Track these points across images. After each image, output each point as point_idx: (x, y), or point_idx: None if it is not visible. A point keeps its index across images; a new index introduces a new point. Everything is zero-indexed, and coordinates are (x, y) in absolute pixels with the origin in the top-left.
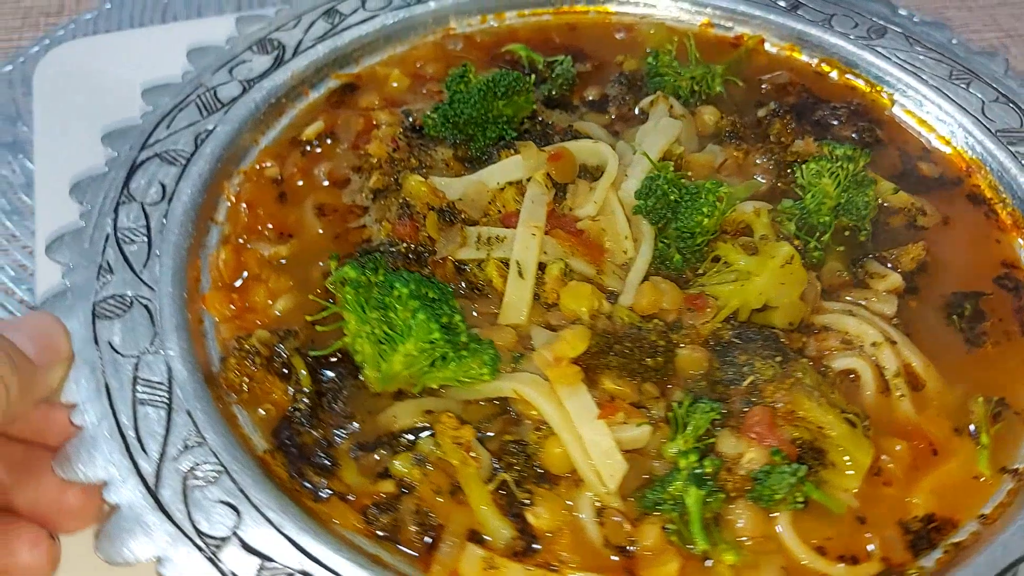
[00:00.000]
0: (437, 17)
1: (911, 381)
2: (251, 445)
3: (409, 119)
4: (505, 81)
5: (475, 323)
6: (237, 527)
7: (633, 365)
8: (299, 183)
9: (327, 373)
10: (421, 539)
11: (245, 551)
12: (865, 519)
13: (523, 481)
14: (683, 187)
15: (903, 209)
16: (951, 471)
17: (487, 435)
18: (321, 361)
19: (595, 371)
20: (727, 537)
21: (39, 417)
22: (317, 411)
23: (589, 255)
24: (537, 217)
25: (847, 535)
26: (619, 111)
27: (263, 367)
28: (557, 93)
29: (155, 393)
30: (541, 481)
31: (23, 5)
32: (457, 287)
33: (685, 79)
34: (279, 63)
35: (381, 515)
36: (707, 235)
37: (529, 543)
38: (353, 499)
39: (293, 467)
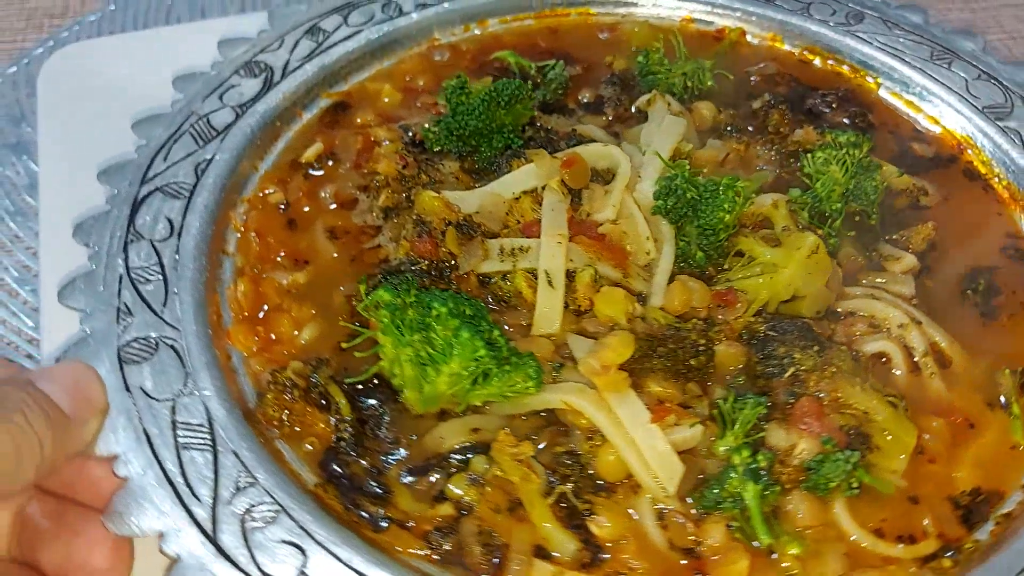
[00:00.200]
0: (420, 28)
1: (938, 359)
2: (302, 480)
3: (408, 134)
4: (508, 90)
5: (508, 336)
6: (304, 566)
7: (678, 366)
8: (306, 208)
9: (365, 400)
10: (488, 560)
11: None
12: (918, 498)
13: (580, 492)
14: (701, 185)
15: (905, 191)
16: (989, 443)
17: (538, 448)
18: (357, 387)
19: (640, 375)
20: (788, 529)
21: (72, 471)
22: (362, 439)
23: (614, 259)
24: (559, 225)
25: (901, 515)
26: (616, 112)
27: (302, 399)
28: (552, 98)
29: (197, 436)
30: (598, 490)
31: (27, 6)
32: (483, 301)
33: (677, 76)
34: (269, 86)
35: (444, 539)
36: (728, 231)
37: (595, 554)
38: (413, 525)
39: (347, 499)
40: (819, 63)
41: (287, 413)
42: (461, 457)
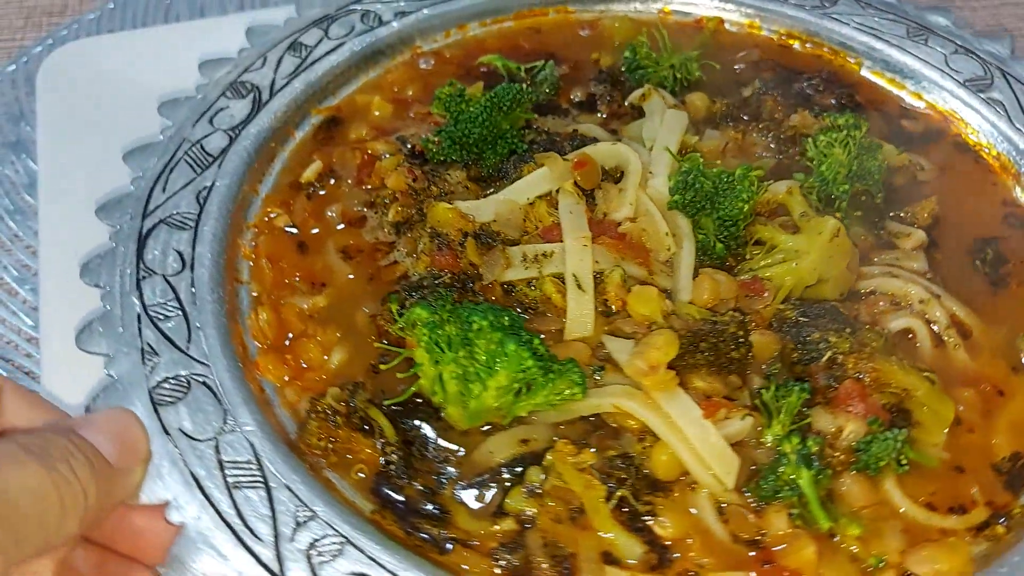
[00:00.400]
0: (402, 37)
1: (960, 331)
2: (358, 509)
3: (407, 146)
4: (509, 95)
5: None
6: None
7: (721, 360)
8: (314, 230)
9: (407, 420)
10: (558, 571)
11: None
12: (963, 467)
13: (639, 494)
14: (716, 176)
15: (902, 167)
16: (1020, 407)
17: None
18: (397, 408)
19: (683, 372)
20: (844, 511)
21: (114, 521)
22: (410, 461)
23: (638, 257)
24: (581, 227)
25: (949, 487)
26: (610, 109)
27: (345, 426)
28: (544, 99)
29: (247, 473)
30: (655, 490)
31: (26, 4)
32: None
33: (665, 69)
34: (258, 106)
35: (511, 555)
36: (747, 220)
37: (661, 555)
38: (477, 544)
39: (406, 523)
40: (799, 47)
41: (332, 441)
42: (513, 470)
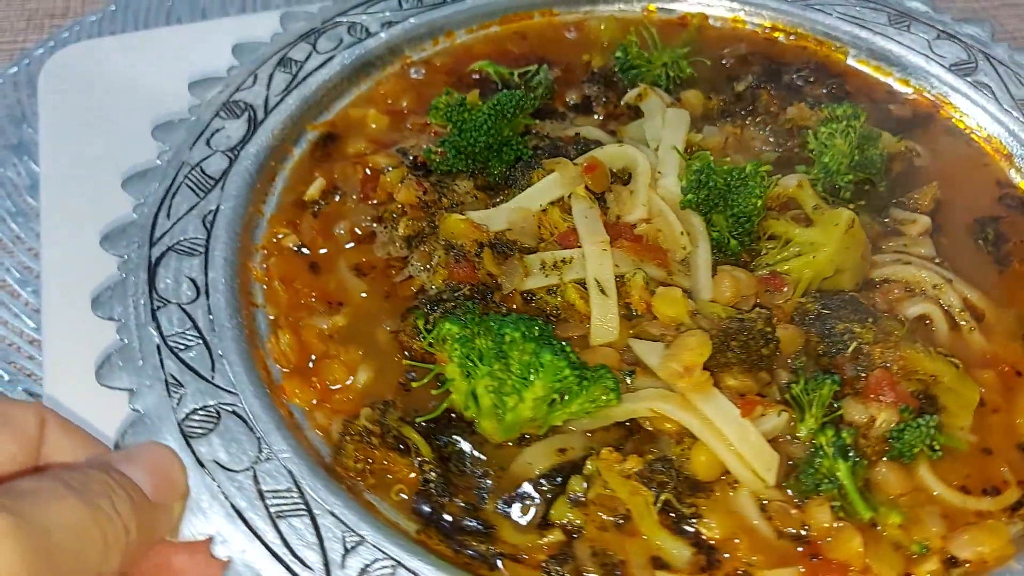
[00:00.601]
0: (391, 48)
1: (973, 314)
2: (403, 530)
3: (409, 158)
4: (512, 102)
5: None
6: None
7: (752, 357)
8: (323, 250)
9: (441, 437)
10: None
11: None
12: (991, 449)
13: (681, 497)
14: (728, 173)
15: (899, 154)
16: None
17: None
18: (429, 425)
19: (716, 371)
20: (882, 500)
21: (153, 558)
22: (449, 478)
23: (656, 259)
24: (598, 231)
25: (980, 469)
26: (606, 110)
27: (381, 446)
28: (540, 103)
29: (288, 502)
30: (696, 492)
31: (28, 7)
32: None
33: (657, 67)
34: (255, 126)
35: (561, 567)
36: (760, 215)
37: (709, 556)
38: (526, 558)
39: (453, 541)
40: (784, 39)
41: (370, 463)
42: (553, 480)
